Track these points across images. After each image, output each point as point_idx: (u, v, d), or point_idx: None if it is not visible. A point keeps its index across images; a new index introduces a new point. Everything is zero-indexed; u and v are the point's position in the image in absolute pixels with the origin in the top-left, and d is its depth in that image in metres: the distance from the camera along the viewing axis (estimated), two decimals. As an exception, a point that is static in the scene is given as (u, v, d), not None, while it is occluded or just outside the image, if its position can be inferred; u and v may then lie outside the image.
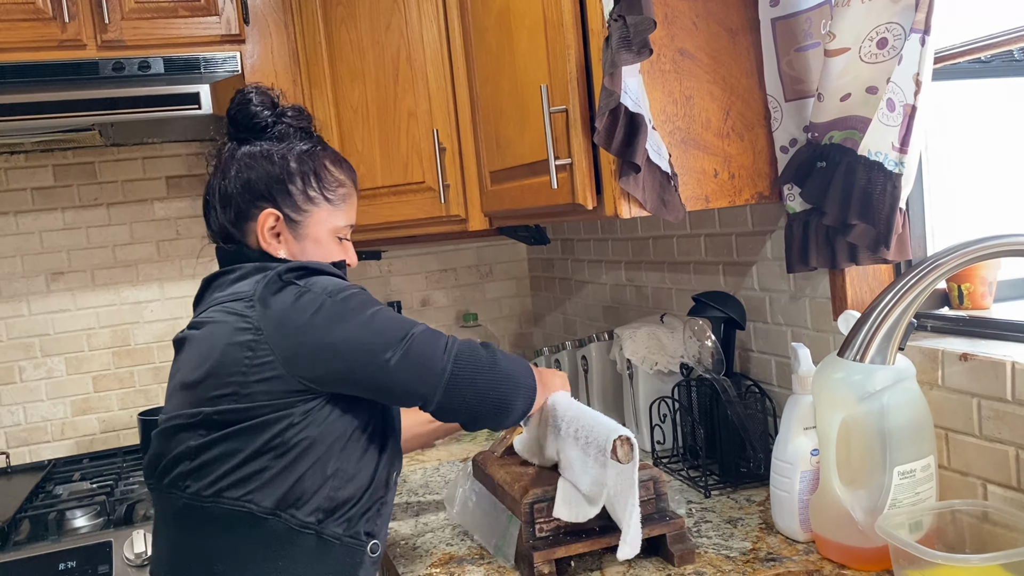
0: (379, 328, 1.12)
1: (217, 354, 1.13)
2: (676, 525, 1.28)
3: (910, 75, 1.16)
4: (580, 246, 2.38)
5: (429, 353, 1.13)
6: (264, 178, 1.24)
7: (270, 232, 1.23)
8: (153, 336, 2.42)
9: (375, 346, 1.11)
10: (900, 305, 0.98)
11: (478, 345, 1.19)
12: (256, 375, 1.10)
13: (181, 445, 1.14)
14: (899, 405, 1.16)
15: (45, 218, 2.33)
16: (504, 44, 1.60)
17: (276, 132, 1.27)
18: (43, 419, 2.35)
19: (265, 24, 2.07)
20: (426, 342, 1.14)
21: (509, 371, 1.19)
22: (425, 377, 1.13)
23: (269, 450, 1.11)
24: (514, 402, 1.19)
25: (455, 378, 1.14)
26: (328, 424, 1.14)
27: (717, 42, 1.37)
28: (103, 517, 1.82)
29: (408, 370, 1.12)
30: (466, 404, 1.16)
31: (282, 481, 1.12)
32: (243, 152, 1.25)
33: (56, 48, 1.92)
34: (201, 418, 1.13)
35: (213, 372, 1.13)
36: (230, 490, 1.12)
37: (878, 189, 1.22)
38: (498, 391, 1.17)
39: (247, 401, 1.11)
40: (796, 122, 1.36)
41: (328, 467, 1.14)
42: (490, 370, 1.17)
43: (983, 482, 1.19)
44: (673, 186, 1.32)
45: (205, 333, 1.16)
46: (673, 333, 1.79)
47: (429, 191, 1.93)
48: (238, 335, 1.12)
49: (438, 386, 1.13)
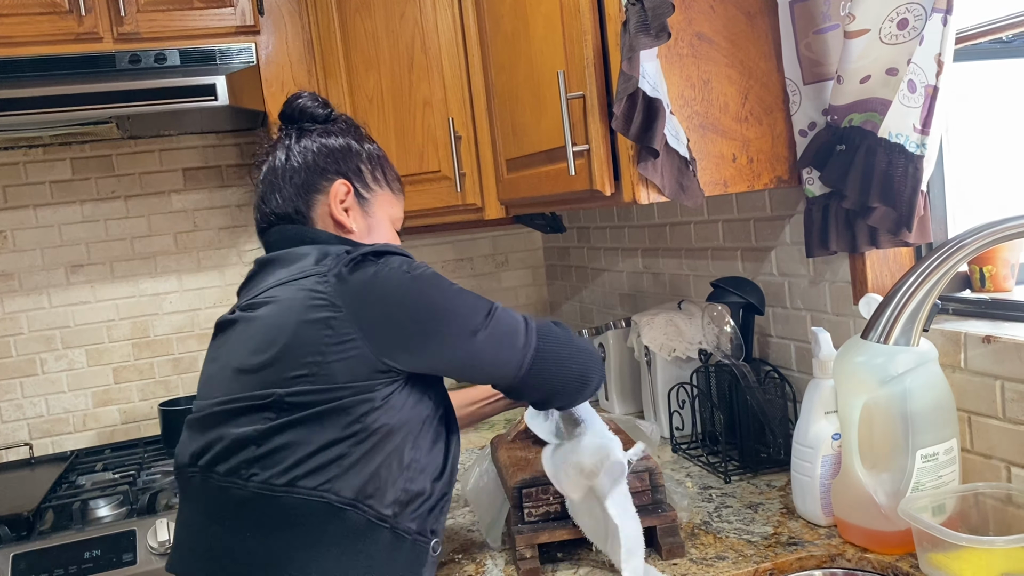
0: (463, 303, 1.10)
1: (289, 333, 1.06)
2: (667, 518, 1.26)
3: (932, 55, 1.15)
4: (596, 234, 2.37)
5: (513, 329, 1.11)
6: (335, 153, 1.24)
7: (341, 204, 1.22)
8: (172, 327, 2.44)
9: (462, 321, 1.08)
10: (924, 286, 0.97)
11: (550, 322, 1.19)
12: (336, 354, 1.04)
13: (242, 429, 1.06)
14: (921, 388, 1.16)
15: (64, 211, 2.35)
16: (520, 30, 1.59)
17: (341, 123, 1.29)
18: (65, 410, 2.38)
19: (280, 15, 2.07)
20: (508, 318, 1.12)
21: (584, 346, 1.19)
22: (511, 352, 1.11)
23: (349, 436, 1.05)
24: (592, 376, 1.18)
25: (540, 353, 1.12)
26: (404, 411, 1.09)
27: (735, 25, 1.36)
28: (126, 506, 1.84)
29: (495, 346, 1.09)
30: (548, 379, 1.14)
31: (362, 469, 1.05)
32: (308, 137, 1.25)
33: (73, 41, 1.93)
34: (272, 400, 1.05)
35: (285, 352, 1.05)
36: (306, 478, 1.04)
37: (899, 171, 1.21)
38: (580, 365, 1.16)
39: (326, 382, 1.04)
40: (815, 105, 1.35)
41: (405, 456, 1.09)
42: (569, 345, 1.16)
43: (1007, 464, 1.19)
44: (691, 171, 1.32)
45: (270, 312, 1.09)
46: (691, 319, 1.79)
47: (445, 180, 1.93)
48: (314, 312, 1.05)
49: (523, 362, 1.11)
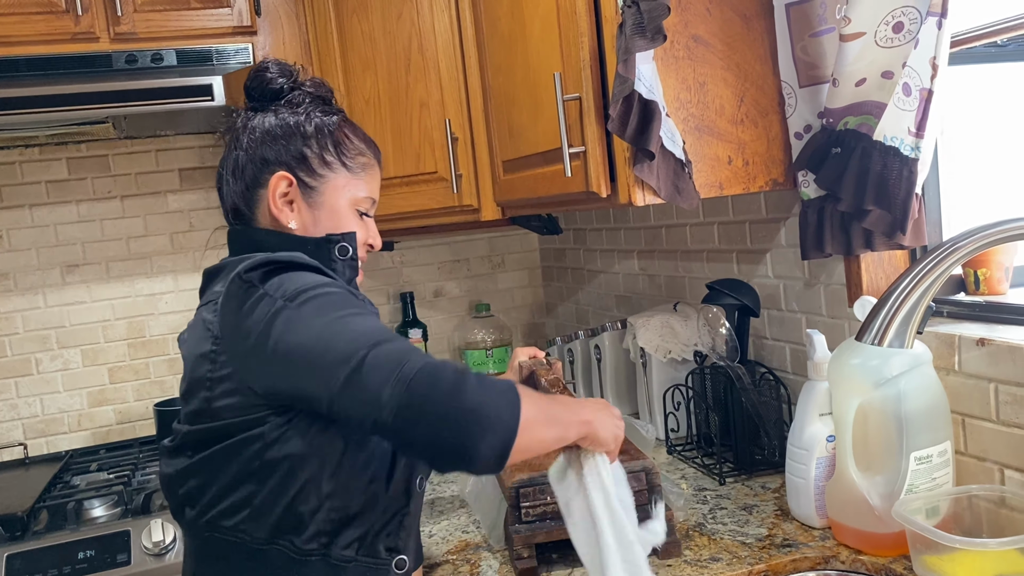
0: (330, 342, 0.94)
1: (191, 367, 1.05)
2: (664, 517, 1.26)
3: (926, 59, 1.16)
4: (592, 235, 2.37)
5: (380, 376, 0.91)
6: (278, 139, 1.14)
7: (282, 199, 1.13)
8: (168, 328, 2.43)
9: (321, 364, 0.93)
10: (919, 289, 0.98)
11: (450, 369, 0.93)
12: (219, 389, 1.00)
13: (172, 468, 1.07)
14: (916, 390, 1.16)
15: (60, 211, 2.35)
16: (516, 32, 1.60)
17: (292, 98, 1.18)
18: (60, 410, 2.37)
19: (277, 15, 2.07)
20: (380, 363, 0.91)
21: (477, 402, 0.91)
22: (372, 403, 0.90)
23: (252, 474, 1.00)
24: (476, 443, 0.90)
25: (405, 407, 0.89)
26: (315, 436, 1.00)
27: (731, 28, 1.36)
28: (121, 507, 1.83)
29: (353, 395, 0.91)
30: (420, 440, 0.91)
31: (272, 507, 1.00)
32: (257, 118, 1.16)
33: (69, 41, 1.93)
34: (181, 437, 1.05)
35: (189, 387, 1.05)
36: (223, 519, 1.02)
37: (894, 174, 1.21)
38: (456, 427, 0.90)
39: (216, 419, 1.01)
40: (811, 108, 1.36)
41: (324, 486, 1.01)
42: (449, 399, 0.90)
43: (1000, 467, 1.19)
44: (687, 173, 1.32)
45: (188, 343, 1.09)
46: (687, 321, 1.79)
47: (441, 181, 1.93)
48: (203, 344, 1.03)
49: (387, 414, 0.90)
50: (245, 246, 1.13)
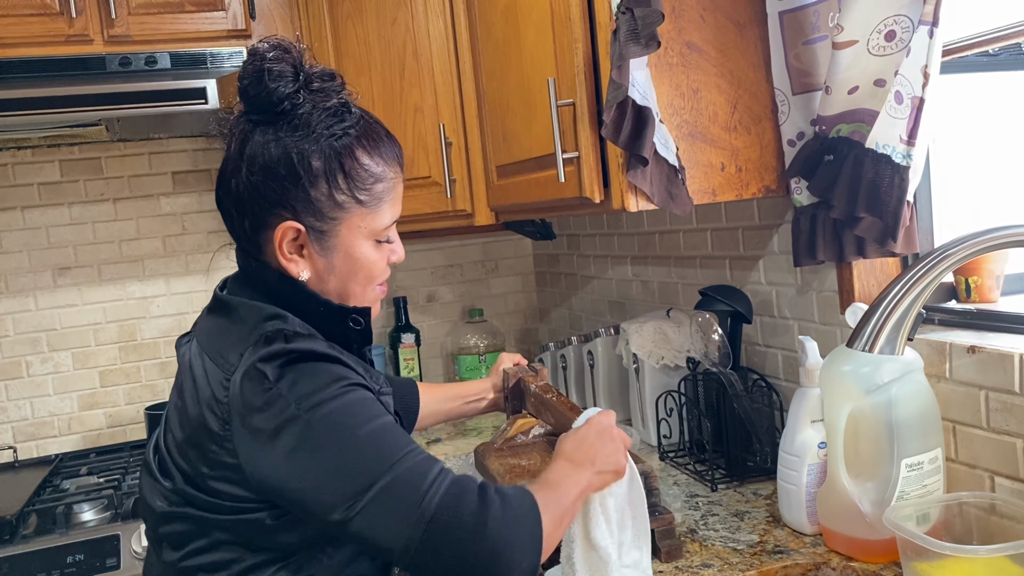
0: (344, 469, 0.90)
1: (190, 429, 0.99)
2: (665, 520, 1.27)
3: (918, 67, 1.16)
4: (586, 241, 2.38)
5: (399, 512, 0.89)
6: (281, 181, 1.00)
7: (290, 246, 1.03)
8: (159, 331, 2.42)
9: (335, 491, 0.90)
10: (909, 295, 0.98)
11: (472, 492, 0.91)
12: (219, 471, 0.96)
13: (154, 502, 1.03)
14: (907, 397, 1.17)
15: (52, 213, 2.34)
16: (511, 38, 1.60)
17: (298, 116, 1.01)
18: (50, 414, 2.36)
19: (271, 19, 2.07)
20: (395, 495, 0.89)
21: (501, 542, 0.90)
22: (391, 537, 0.89)
23: (240, 543, 0.98)
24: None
25: (425, 548, 0.88)
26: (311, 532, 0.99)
27: (724, 35, 1.37)
28: (111, 511, 1.83)
29: (370, 525, 0.89)
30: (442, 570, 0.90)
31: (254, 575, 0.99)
32: (257, 142, 1.01)
33: (63, 43, 1.92)
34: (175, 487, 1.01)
35: (191, 438, 0.99)
36: (201, 572, 0.99)
37: (886, 182, 1.22)
38: (480, 570, 0.89)
39: (211, 495, 0.97)
40: (803, 115, 1.36)
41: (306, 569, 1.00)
42: (472, 539, 0.89)
43: (990, 474, 1.19)
44: (680, 179, 1.32)
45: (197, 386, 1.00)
46: (679, 327, 1.79)
47: (435, 186, 1.93)
48: (211, 416, 0.96)
49: (408, 552, 0.89)
50: (257, 286, 1.06)
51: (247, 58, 1.02)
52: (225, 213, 1.08)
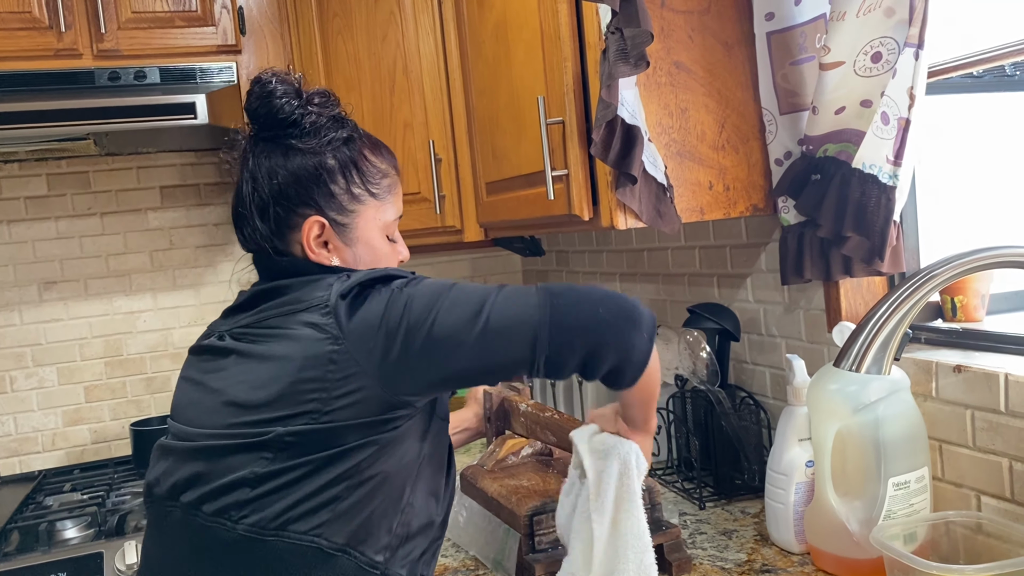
0: (458, 304, 0.99)
1: (293, 369, 0.99)
2: (672, 534, 1.28)
3: (904, 89, 1.17)
4: (575, 258, 2.38)
5: (518, 302, 0.98)
6: (302, 181, 1.09)
7: (316, 241, 1.10)
8: (146, 346, 2.41)
9: (460, 324, 0.97)
10: (896, 315, 0.99)
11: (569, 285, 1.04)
12: (340, 390, 0.97)
13: (240, 470, 1.00)
14: (894, 416, 1.17)
15: (38, 227, 2.32)
16: (501, 56, 1.61)
17: (307, 124, 1.11)
18: (34, 429, 2.34)
19: (261, 35, 2.07)
20: (508, 297, 0.99)
21: (615, 296, 1.01)
22: (522, 325, 0.97)
23: (344, 479, 0.99)
24: (635, 312, 1.01)
25: (556, 308, 0.97)
26: (402, 456, 1.03)
27: (712, 55, 1.38)
28: (94, 528, 1.81)
29: (501, 335, 0.97)
30: (582, 331, 0.98)
31: (355, 514, 1.00)
32: (274, 153, 1.10)
33: (52, 57, 1.92)
34: (271, 437, 0.99)
35: (288, 390, 0.99)
36: (298, 522, 0.99)
37: (872, 201, 1.23)
38: (610, 307, 0.99)
39: (327, 421, 0.98)
40: (791, 135, 1.37)
41: (402, 501, 1.04)
42: (590, 291, 1.00)
43: (977, 493, 1.20)
44: (669, 198, 1.33)
45: (273, 346, 1.03)
46: (668, 345, 1.79)
47: (425, 202, 1.93)
48: (317, 346, 0.99)
49: (541, 325, 0.96)
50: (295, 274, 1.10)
51: (252, 85, 1.12)
52: (244, 224, 1.13)
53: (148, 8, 1.97)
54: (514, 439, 1.46)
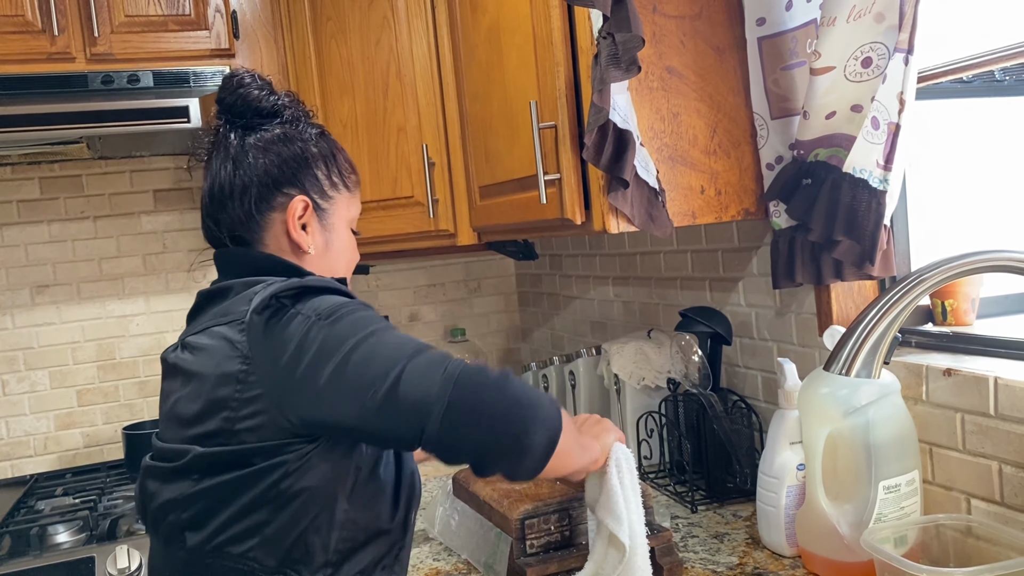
0: (366, 361, 0.94)
1: (209, 386, 1.00)
2: (664, 538, 1.28)
3: (894, 94, 1.18)
4: (568, 261, 2.38)
5: (423, 383, 0.92)
6: (289, 162, 1.11)
7: (298, 221, 1.11)
8: (139, 350, 2.41)
9: (359, 383, 0.93)
10: (885, 319, 0.99)
11: (489, 369, 0.97)
12: (245, 410, 0.97)
13: (173, 492, 1.02)
14: (884, 420, 1.17)
15: (31, 231, 2.32)
16: (494, 60, 1.61)
17: (286, 116, 1.15)
18: (26, 433, 2.33)
19: (255, 39, 2.07)
20: (419, 372, 0.92)
21: (524, 398, 0.95)
22: (417, 409, 0.91)
23: (267, 502, 0.98)
24: (531, 436, 0.94)
25: (453, 406, 0.91)
26: (330, 470, 1.00)
27: (704, 60, 1.39)
28: (86, 532, 1.80)
29: (396, 407, 0.91)
30: (470, 437, 0.93)
31: (284, 536, 0.99)
32: (256, 138, 1.11)
33: (45, 61, 1.92)
34: (191, 458, 1.00)
35: (205, 407, 1.00)
36: (231, 545, 0.99)
37: (863, 206, 1.23)
38: (508, 419, 0.93)
39: (236, 442, 0.98)
40: (782, 139, 1.38)
41: (336, 517, 1.01)
42: (498, 392, 0.93)
43: (967, 496, 1.20)
44: (661, 202, 1.34)
45: (199, 361, 1.03)
46: (660, 348, 1.80)
47: (418, 206, 1.94)
48: (228, 364, 0.99)
49: (431, 417, 0.91)
50: (247, 270, 1.09)
51: (224, 81, 1.15)
52: (218, 209, 1.12)
53: (141, 12, 1.97)
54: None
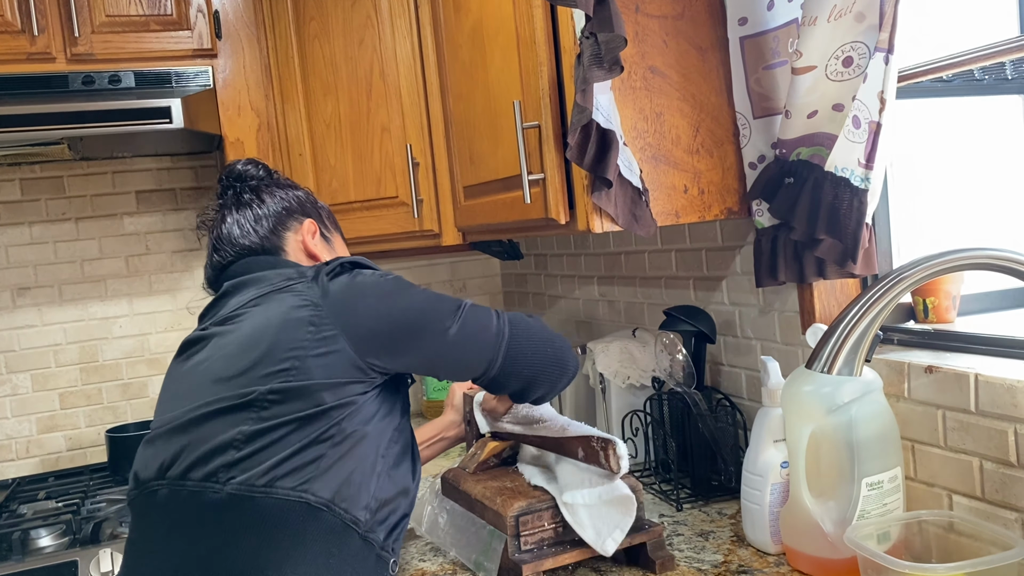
0: (435, 300, 1.17)
1: (272, 331, 1.10)
2: (655, 533, 1.28)
3: (875, 93, 1.19)
4: (553, 261, 2.39)
5: (484, 321, 1.18)
6: (300, 199, 1.38)
7: (313, 238, 1.34)
8: (122, 352, 2.39)
9: (435, 315, 1.15)
10: (867, 317, 1.00)
11: (523, 314, 1.25)
12: (317, 349, 1.08)
13: (228, 431, 1.06)
14: (867, 417, 1.18)
15: (11, 232, 2.30)
16: (477, 60, 1.61)
17: (281, 179, 1.42)
18: (7, 437, 2.31)
19: (237, 39, 2.06)
20: (478, 313, 1.19)
21: (556, 335, 1.27)
22: (486, 343, 1.18)
23: (327, 438, 1.07)
24: (569, 361, 1.26)
25: (514, 340, 1.19)
26: (375, 420, 1.13)
27: (687, 60, 1.39)
28: (69, 536, 1.79)
29: (469, 338, 1.16)
30: (525, 366, 1.21)
31: (338, 471, 1.08)
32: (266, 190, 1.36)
33: (25, 61, 1.90)
34: (253, 397, 1.06)
35: (268, 351, 1.08)
36: (285, 479, 1.05)
37: (845, 204, 1.24)
38: (555, 350, 1.24)
39: (304, 378, 1.07)
40: (764, 139, 1.39)
41: (377, 463, 1.12)
42: (542, 331, 1.24)
43: (948, 492, 1.21)
44: (644, 201, 1.34)
45: (252, 319, 1.14)
46: (645, 347, 1.80)
47: (402, 206, 1.93)
48: (297, 311, 1.11)
49: (499, 350, 1.18)
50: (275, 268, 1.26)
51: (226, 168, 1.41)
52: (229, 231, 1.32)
53: (122, 12, 1.96)
54: (495, 442, 1.46)
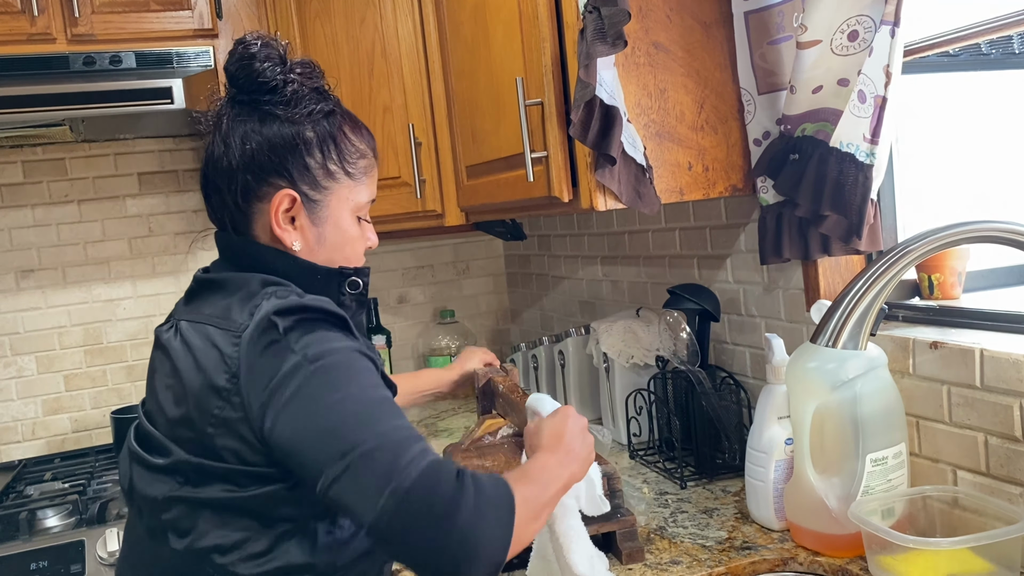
0: (330, 428, 0.89)
1: (194, 394, 0.98)
2: (627, 523, 1.27)
3: (880, 67, 1.18)
4: (556, 242, 2.38)
5: (373, 477, 0.86)
6: (277, 149, 1.04)
7: (284, 216, 1.06)
8: (126, 334, 2.39)
9: (315, 451, 0.89)
10: (872, 291, 0.99)
11: (450, 476, 0.87)
12: (223, 429, 0.96)
13: (156, 490, 1.01)
14: (871, 393, 1.18)
15: (14, 215, 2.30)
16: (479, 37, 1.60)
17: (287, 93, 1.06)
18: (13, 419, 2.32)
19: (238, 18, 2.05)
20: (375, 462, 0.87)
21: (473, 529, 0.85)
22: (367, 505, 0.85)
23: (254, 520, 0.98)
24: (469, 569, 0.85)
25: (399, 520, 0.85)
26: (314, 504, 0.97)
27: (691, 35, 1.38)
28: (75, 516, 1.80)
29: (349, 488, 0.87)
30: (410, 554, 0.87)
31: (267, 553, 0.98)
32: (251, 118, 1.06)
33: (25, 42, 1.89)
34: (176, 461, 0.99)
35: (188, 414, 0.98)
36: (215, 554, 0.98)
37: (850, 180, 1.23)
38: (449, 552, 0.85)
39: (216, 459, 0.96)
40: (769, 115, 1.38)
41: (319, 541, 1.00)
42: (445, 521, 0.84)
43: (953, 468, 1.21)
44: (648, 179, 1.33)
45: (188, 363, 1.00)
46: (649, 326, 1.80)
47: (405, 186, 1.93)
48: (217, 376, 0.96)
49: (381, 522, 0.85)
50: (245, 262, 1.06)
51: (235, 45, 1.06)
52: (213, 191, 1.09)
53: (123, -9, 1.94)
54: (494, 419, 1.46)
